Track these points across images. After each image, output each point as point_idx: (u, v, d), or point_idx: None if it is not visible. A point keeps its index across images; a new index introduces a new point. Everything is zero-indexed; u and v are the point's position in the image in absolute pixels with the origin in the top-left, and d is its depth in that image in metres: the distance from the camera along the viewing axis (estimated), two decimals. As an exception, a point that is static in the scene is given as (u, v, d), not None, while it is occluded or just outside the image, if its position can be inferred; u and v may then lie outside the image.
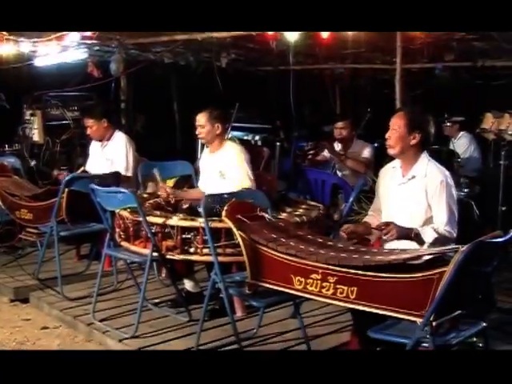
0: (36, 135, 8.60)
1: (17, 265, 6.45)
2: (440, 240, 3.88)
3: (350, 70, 10.01)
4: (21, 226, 6.37)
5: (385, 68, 8.60)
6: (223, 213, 4.03)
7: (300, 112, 8.29)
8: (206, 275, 5.16)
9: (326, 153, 7.08)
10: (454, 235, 3.96)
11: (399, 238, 3.88)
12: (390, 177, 4.29)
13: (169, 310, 5.26)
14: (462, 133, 8.06)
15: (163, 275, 5.81)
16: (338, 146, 6.93)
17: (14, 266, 6.45)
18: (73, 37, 6.97)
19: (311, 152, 7.26)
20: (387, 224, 3.91)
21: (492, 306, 3.84)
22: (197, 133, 5.42)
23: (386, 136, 4.18)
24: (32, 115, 8.62)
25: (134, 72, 8.61)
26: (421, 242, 3.90)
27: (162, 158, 6.47)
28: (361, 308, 3.39)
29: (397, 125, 4.11)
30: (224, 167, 5.24)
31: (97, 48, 8.31)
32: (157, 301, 5.48)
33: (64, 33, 6.39)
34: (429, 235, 3.90)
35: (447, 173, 4.12)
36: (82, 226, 5.88)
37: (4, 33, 6.67)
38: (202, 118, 5.33)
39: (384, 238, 3.99)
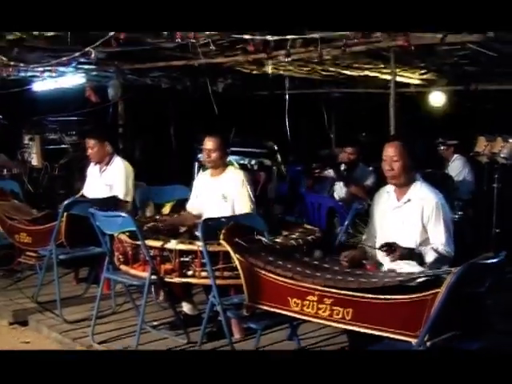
0: (34, 159, 8.67)
1: (16, 288, 6.48)
2: (440, 260, 3.93)
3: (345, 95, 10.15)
4: (20, 249, 6.41)
5: (379, 92, 8.70)
6: (221, 236, 4.10)
7: (296, 136, 8.37)
8: (204, 298, 5.20)
9: (328, 172, 7.21)
10: (453, 254, 4.01)
11: (402, 258, 3.90)
12: (385, 201, 4.32)
13: (167, 333, 5.27)
14: (455, 156, 8.07)
15: (161, 298, 5.83)
16: (342, 167, 7.08)
17: (13, 289, 6.47)
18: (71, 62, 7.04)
19: (317, 170, 7.42)
20: (390, 245, 3.92)
21: (488, 326, 3.87)
22: (205, 156, 5.35)
23: (387, 167, 4.16)
24: (30, 140, 8.72)
25: (131, 97, 8.69)
26: (422, 262, 3.93)
27: (159, 183, 6.53)
28: (356, 329, 3.46)
29: (398, 155, 4.11)
30: (227, 191, 5.22)
31: (94, 73, 8.42)
32: (155, 323, 5.48)
33: (64, 59, 6.45)
34: (430, 255, 3.93)
35: (440, 194, 4.17)
36: (81, 250, 5.88)
37: (3, 58, 6.75)
38: (213, 143, 5.27)
39: (387, 258, 3.98)
